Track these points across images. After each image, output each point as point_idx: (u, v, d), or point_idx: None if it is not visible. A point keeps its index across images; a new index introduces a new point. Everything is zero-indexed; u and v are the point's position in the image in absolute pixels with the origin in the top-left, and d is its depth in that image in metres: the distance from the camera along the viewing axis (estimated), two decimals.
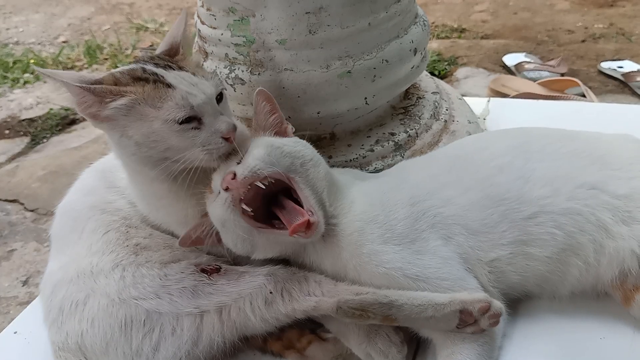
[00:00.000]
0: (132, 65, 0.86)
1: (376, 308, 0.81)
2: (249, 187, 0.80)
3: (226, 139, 0.84)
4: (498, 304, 0.81)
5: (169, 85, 0.82)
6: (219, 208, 0.82)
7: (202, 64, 0.94)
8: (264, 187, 0.81)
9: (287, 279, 0.86)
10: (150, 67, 0.84)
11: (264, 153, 0.83)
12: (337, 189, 0.90)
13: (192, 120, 0.82)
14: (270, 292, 0.85)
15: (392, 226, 0.86)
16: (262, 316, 0.85)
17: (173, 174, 0.86)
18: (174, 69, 0.85)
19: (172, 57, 0.90)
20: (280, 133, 0.93)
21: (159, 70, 0.84)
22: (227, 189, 0.80)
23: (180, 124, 0.81)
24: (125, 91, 0.80)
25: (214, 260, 0.94)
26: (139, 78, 0.83)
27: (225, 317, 0.86)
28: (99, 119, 0.82)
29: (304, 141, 0.92)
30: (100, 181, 1.04)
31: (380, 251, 0.84)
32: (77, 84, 0.79)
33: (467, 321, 0.80)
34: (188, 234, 0.90)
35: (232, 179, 0.80)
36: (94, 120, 0.83)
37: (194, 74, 0.85)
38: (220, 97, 0.87)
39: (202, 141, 0.82)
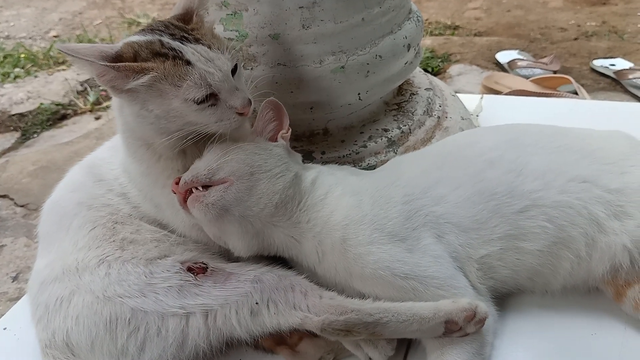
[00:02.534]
0: (149, 37, 0.84)
1: (361, 327, 0.81)
2: (190, 190, 0.86)
3: (240, 114, 0.86)
4: (483, 309, 0.81)
5: (188, 62, 0.82)
6: None
7: (215, 29, 0.94)
8: (201, 189, 0.85)
9: (273, 288, 0.86)
10: (167, 40, 0.83)
11: (207, 161, 0.87)
12: (312, 200, 0.90)
13: (210, 97, 0.84)
14: (256, 303, 0.85)
15: (381, 225, 0.86)
16: (247, 328, 0.85)
17: (182, 146, 0.88)
18: (190, 42, 0.84)
19: (187, 23, 0.88)
20: (273, 140, 0.94)
21: (177, 44, 0.83)
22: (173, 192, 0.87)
23: (198, 103, 0.83)
24: (147, 68, 0.80)
25: (201, 252, 0.94)
26: (158, 53, 0.82)
27: (211, 323, 0.85)
28: (120, 91, 0.83)
29: (279, 151, 0.92)
30: (87, 176, 1.03)
31: (365, 253, 0.84)
32: (103, 63, 0.79)
33: (452, 329, 0.81)
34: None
35: (176, 183, 0.86)
36: (115, 92, 0.83)
37: (210, 47, 0.84)
38: (235, 69, 0.87)
39: (217, 117, 0.85)
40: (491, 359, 0.85)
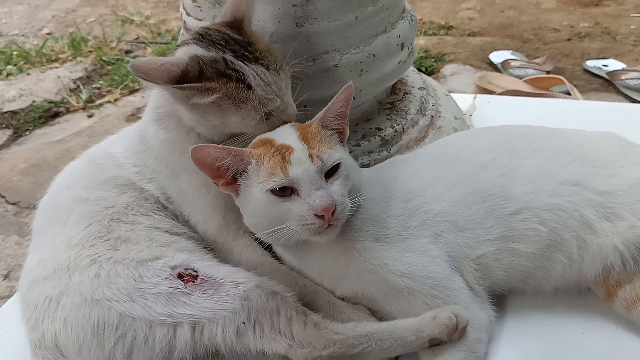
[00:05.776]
0: (213, 53, 0.89)
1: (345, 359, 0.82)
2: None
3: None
4: (464, 318, 0.81)
5: (249, 86, 0.88)
6: (287, 207, 0.81)
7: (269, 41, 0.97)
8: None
9: (260, 309, 0.85)
10: (230, 58, 0.88)
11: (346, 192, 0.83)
12: None
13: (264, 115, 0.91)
14: (243, 323, 0.85)
15: (388, 224, 0.87)
16: (232, 347, 0.85)
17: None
18: (250, 61, 0.89)
19: (239, 31, 0.92)
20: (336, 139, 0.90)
21: (239, 64, 0.88)
22: (322, 217, 0.79)
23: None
24: (212, 88, 0.86)
25: (191, 253, 0.94)
26: (222, 73, 0.87)
27: (198, 336, 0.85)
28: (182, 103, 0.89)
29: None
30: (90, 167, 1.04)
31: (371, 248, 0.85)
32: (173, 87, 0.85)
33: (436, 343, 0.82)
34: (211, 150, 0.81)
35: (333, 211, 0.79)
36: (178, 102, 0.90)
37: (267, 68, 0.89)
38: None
39: (269, 127, 0.91)
40: (484, 358, 0.85)
